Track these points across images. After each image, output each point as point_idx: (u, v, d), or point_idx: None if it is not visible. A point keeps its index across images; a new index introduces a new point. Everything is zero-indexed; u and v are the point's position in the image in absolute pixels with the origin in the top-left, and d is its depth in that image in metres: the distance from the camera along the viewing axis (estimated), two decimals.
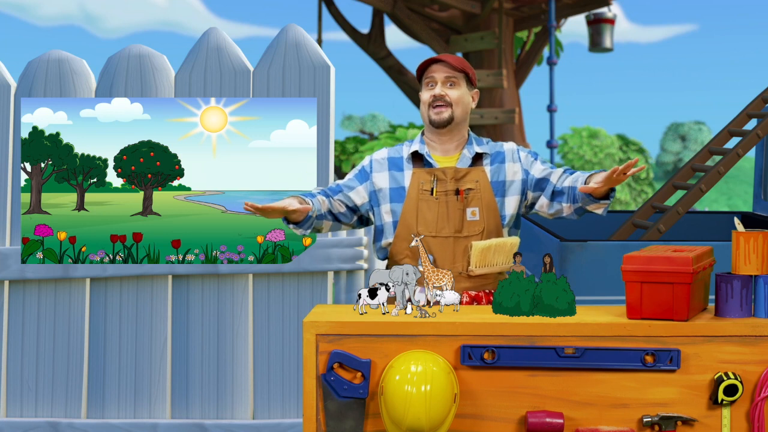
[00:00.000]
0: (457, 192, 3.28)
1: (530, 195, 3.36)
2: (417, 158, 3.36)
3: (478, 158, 3.35)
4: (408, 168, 3.34)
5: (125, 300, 4.42)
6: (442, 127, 3.30)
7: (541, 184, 3.35)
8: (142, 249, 4.34)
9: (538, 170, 3.36)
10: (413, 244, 3.11)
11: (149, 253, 4.34)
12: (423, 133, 3.42)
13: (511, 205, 3.34)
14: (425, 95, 3.32)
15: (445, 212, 3.27)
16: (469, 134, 3.40)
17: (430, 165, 3.33)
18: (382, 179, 3.35)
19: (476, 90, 3.38)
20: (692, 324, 2.66)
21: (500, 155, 3.37)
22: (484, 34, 15.66)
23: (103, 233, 4.36)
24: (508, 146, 3.40)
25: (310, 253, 4.31)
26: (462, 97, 3.30)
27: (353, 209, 3.39)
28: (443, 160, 3.34)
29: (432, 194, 3.28)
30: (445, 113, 3.28)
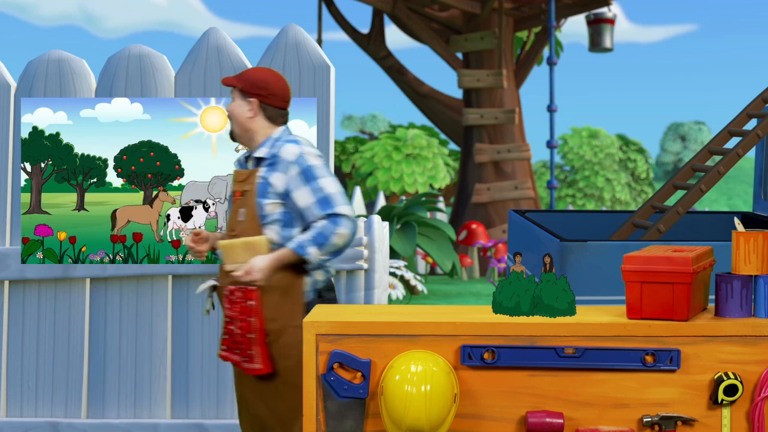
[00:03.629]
0: (233, 194, 3.47)
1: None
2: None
3: (257, 161, 3.44)
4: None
5: (125, 300, 4.42)
6: (234, 140, 3.54)
7: (300, 218, 3.37)
8: (142, 249, 4.34)
9: (295, 203, 3.35)
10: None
11: (149, 253, 4.34)
12: None
13: (270, 206, 3.36)
14: None
15: (233, 213, 3.45)
16: (269, 138, 3.45)
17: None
18: None
19: (252, 99, 3.42)
20: (692, 324, 2.66)
21: (274, 159, 3.38)
22: (484, 34, 15.66)
23: (103, 233, 4.36)
24: (286, 155, 3.37)
25: None
26: (232, 110, 3.44)
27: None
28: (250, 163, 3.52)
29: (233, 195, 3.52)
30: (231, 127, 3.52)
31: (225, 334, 3.37)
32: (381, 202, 17.84)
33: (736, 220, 2.74)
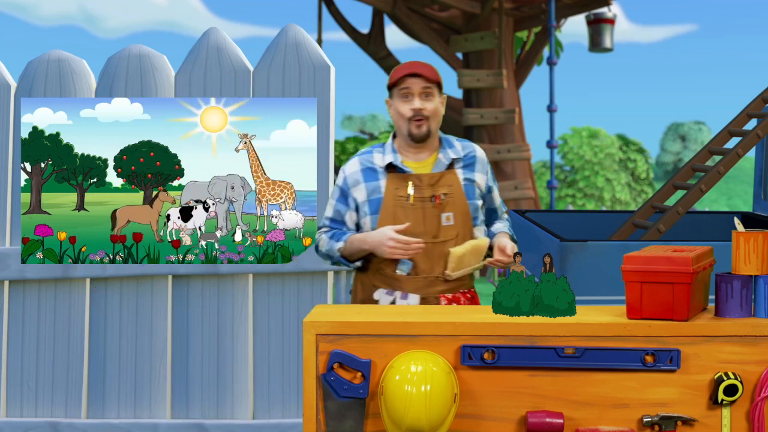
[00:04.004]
0: (433, 198, 3.30)
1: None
2: (391, 165, 3.37)
3: (451, 162, 3.37)
4: (382, 177, 3.34)
5: (125, 300, 4.43)
6: (421, 141, 3.32)
7: (489, 214, 3.50)
8: (142, 249, 4.34)
9: (493, 200, 3.50)
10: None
11: (149, 253, 4.34)
12: (393, 137, 3.42)
13: (480, 206, 3.40)
14: (403, 108, 3.30)
15: (422, 218, 3.29)
16: (440, 138, 3.41)
17: (403, 171, 3.34)
18: (359, 193, 3.35)
19: (444, 95, 3.38)
20: (692, 324, 2.66)
21: (472, 160, 3.40)
22: (484, 34, 15.66)
23: (103, 233, 4.36)
24: (480, 154, 3.43)
25: (310, 253, 4.31)
26: (437, 109, 3.32)
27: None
28: (417, 166, 3.35)
29: (408, 200, 3.30)
30: (424, 127, 3.30)
31: None
32: None
33: (736, 220, 2.74)
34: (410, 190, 3.29)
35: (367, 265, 3.39)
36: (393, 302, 3.31)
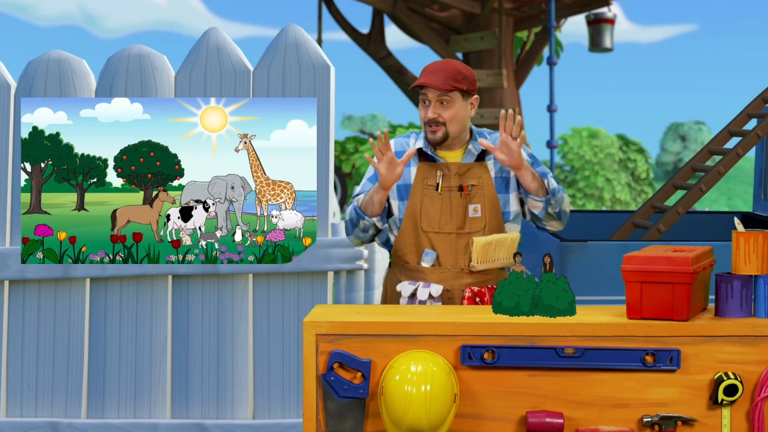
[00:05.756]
0: (461, 188, 3.30)
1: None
2: (423, 151, 3.38)
3: (481, 154, 3.36)
4: (414, 163, 3.36)
5: (125, 300, 4.43)
6: (437, 145, 3.34)
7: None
8: (142, 249, 4.34)
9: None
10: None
11: (149, 253, 4.34)
12: None
13: (513, 200, 3.37)
14: (421, 112, 3.34)
15: (449, 208, 3.29)
16: (471, 131, 3.41)
17: (434, 160, 3.34)
18: None
19: (476, 96, 3.36)
20: (692, 324, 2.66)
21: None
22: (484, 34, 15.66)
23: (103, 233, 4.36)
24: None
25: (310, 253, 4.31)
26: (456, 114, 3.29)
27: (386, 210, 3.42)
28: (448, 155, 3.36)
29: (437, 190, 3.30)
30: (439, 133, 3.30)
31: None
32: None
33: (736, 220, 2.74)
34: (438, 179, 3.30)
35: (391, 264, 3.41)
36: (415, 291, 3.29)
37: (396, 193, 3.36)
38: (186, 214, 4.24)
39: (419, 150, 3.37)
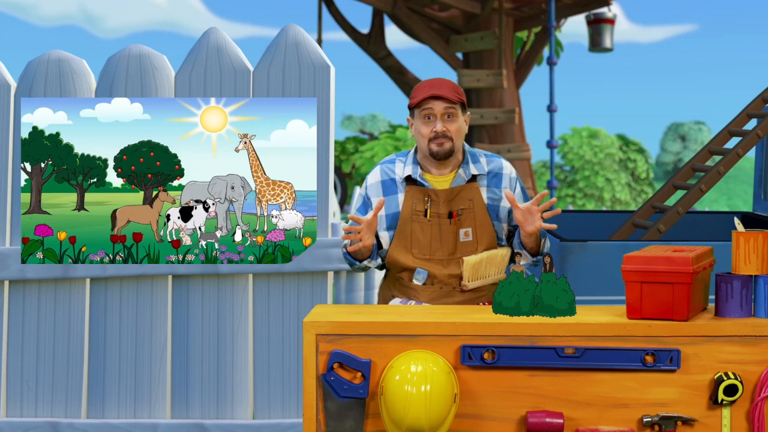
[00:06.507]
0: (450, 215, 3.28)
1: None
2: (410, 177, 3.35)
3: (473, 177, 3.34)
4: (401, 190, 3.33)
5: (125, 300, 4.43)
6: (443, 159, 3.29)
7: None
8: (142, 249, 4.34)
9: None
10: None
11: (149, 253, 4.34)
12: (416, 150, 3.39)
13: (502, 230, 3.35)
14: (425, 129, 3.26)
15: (438, 235, 3.27)
16: (464, 152, 3.37)
17: (422, 185, 3.32)
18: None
19: (468, 113, 3.35)
20: (692, 324, 2.66)
21: (498, 177, 3.35)
22: (484, 34, 15.66)
23: (103, 233, 4.36)
24: (507, 171, 3.38)
25: (310, 253, 4.31)
26: (460, 128, 3.28)
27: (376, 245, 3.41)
28: (437, 181, 3.32)
29: (425, 216, 3.28)
30: (447, 145, 3.26)
31: None
32: None
33: (736, 220, 2.74)
34: (427, 206, 3.28)
35: (386, 275, 3.41)
36: None
37: (384, 224, 3.32)
38: (186, 214, 4.24)
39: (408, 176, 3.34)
